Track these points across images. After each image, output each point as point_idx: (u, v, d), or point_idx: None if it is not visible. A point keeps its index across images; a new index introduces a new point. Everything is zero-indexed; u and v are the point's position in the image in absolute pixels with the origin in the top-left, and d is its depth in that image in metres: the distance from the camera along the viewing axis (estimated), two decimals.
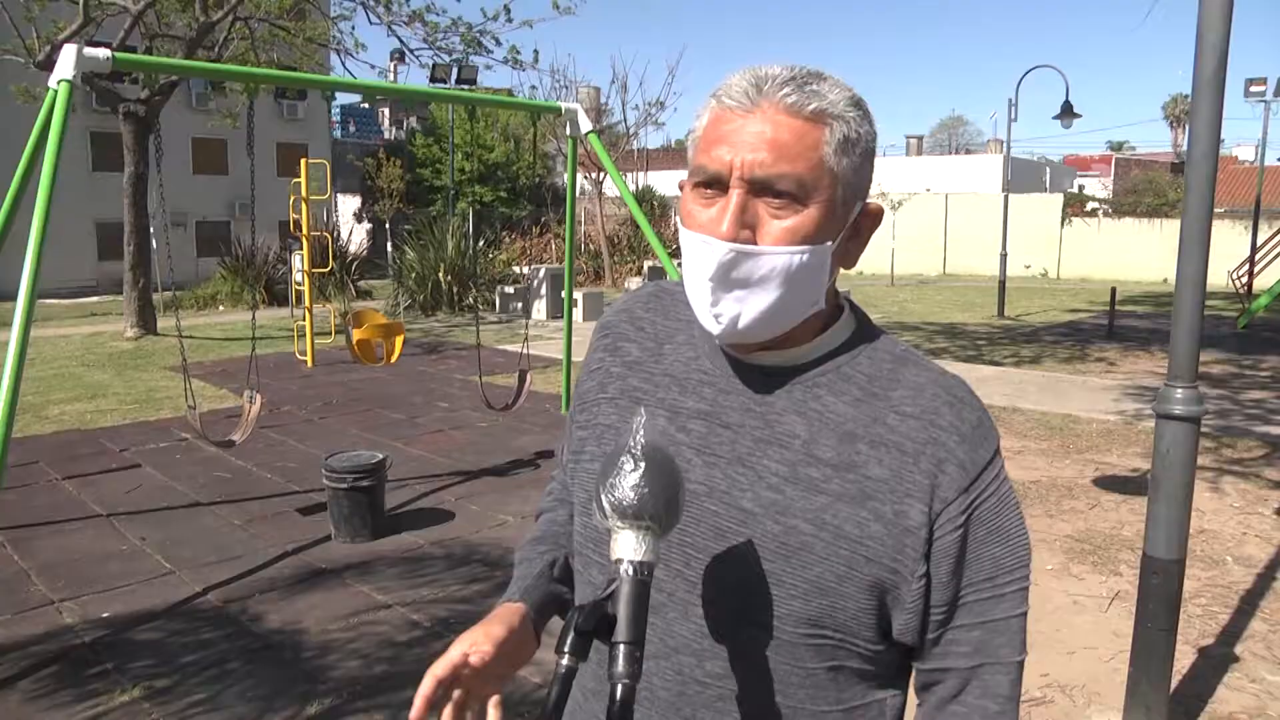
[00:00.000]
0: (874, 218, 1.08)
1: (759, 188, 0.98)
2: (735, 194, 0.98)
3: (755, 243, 0.99)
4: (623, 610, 0.90)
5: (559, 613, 1.20)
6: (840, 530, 1.00)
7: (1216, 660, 4.05)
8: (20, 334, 3.90)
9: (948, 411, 1.04)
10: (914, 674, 1.11)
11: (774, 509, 1.02)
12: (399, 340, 7.78)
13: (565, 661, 0.90)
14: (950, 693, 1.06)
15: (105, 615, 4.43)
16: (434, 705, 1.06)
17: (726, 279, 0.99)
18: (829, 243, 1.01)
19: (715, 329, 1.03)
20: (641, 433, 0.94)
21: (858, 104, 1.02)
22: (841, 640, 1.03)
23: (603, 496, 0.93)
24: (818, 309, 1.05)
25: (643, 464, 0.93)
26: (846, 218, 1.03)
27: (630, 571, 0.92)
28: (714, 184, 1.01)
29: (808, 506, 1.01)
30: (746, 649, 1.03)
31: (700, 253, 1.01)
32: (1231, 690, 3.79)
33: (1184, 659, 3.96)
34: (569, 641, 0.90)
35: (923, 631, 1.05)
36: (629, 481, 0.92)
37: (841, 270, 1.10)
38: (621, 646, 0.89)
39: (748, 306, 1.00)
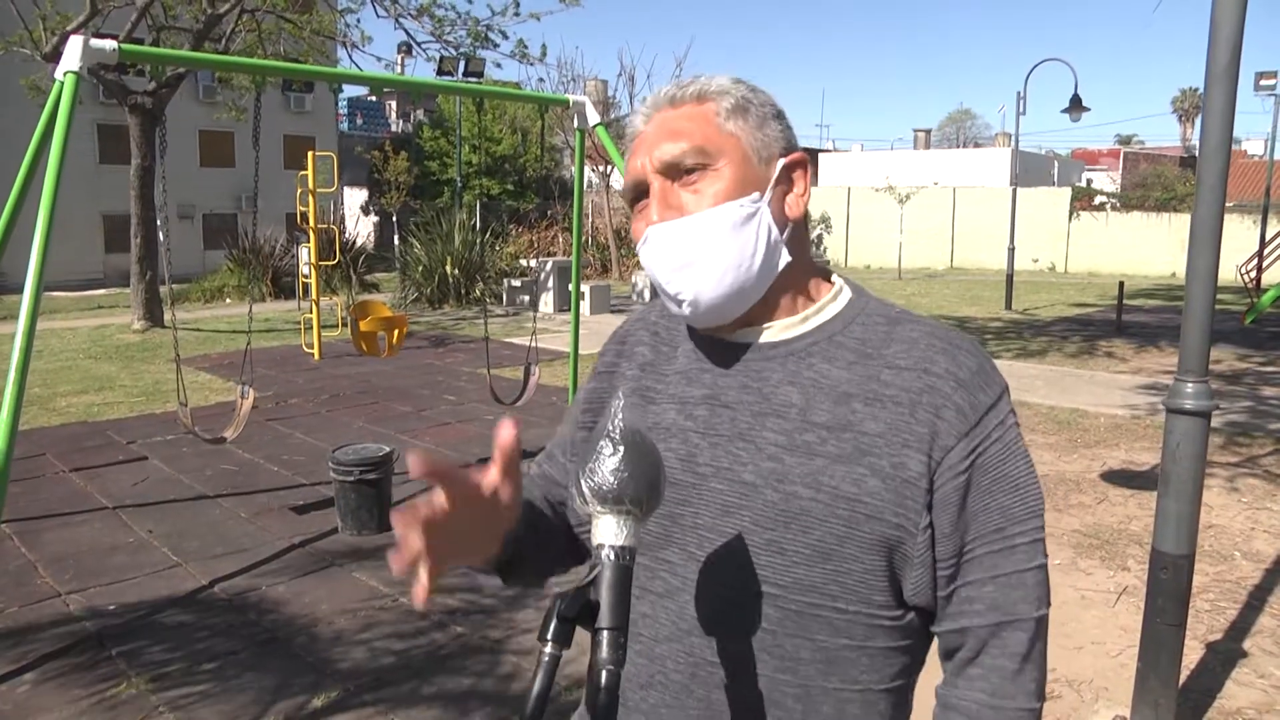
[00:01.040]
0: (802, 164, 1.13)
1: (671, 171, 1.06)
2: (655, 184, 1.07)
3: None
4: (605, 596, 0.89)
5: (514, 544, 1.10)
6: (837, 490, 1.00)
7: (1224, 656, 4.03)
8: (27, 326, 3.90)
9: (942, 359, 1.04)
10: (935, 641, 1.09)
11: (773, 478, 1.02)
12: (400, 331, 7.79)
13: (549, 650, 0.87)
14: (970, 655, 1.05)
15: (112, 607, 4.43)
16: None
17: (670, 256, 1.06)
18: (756, 193, 1.07)
19: (682, 311, 1.08)
20: (620, 416, 0.93)
21: (741, 81, 1.11)
22: (858, 613, 1.02)
23: (582, 482, 0.92)
24: (780, 264, 1.09)
25: (621, 448, 0.91)
26: (769, 171, 1.09)
27: (611, 556, 0.90)
28: (641, 193, 1.10)
29: (805, 471, 1.01)
30: (756, 626, 1.03)
31: (645, 247, 1.09)
32: (1240, 685, 3.77)
33: (1192, 654, 3.94)
34: (551, 629, 0.88)
35: (934, 588, 1.04)
36: (608, 466, 0.91)
37: (832, 257, 1.11)
38: (605, 633, 0.88)
39: (702, 279, 1.05)
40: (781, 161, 1.10)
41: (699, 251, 1.04)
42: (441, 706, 3.56)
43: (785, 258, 1.09)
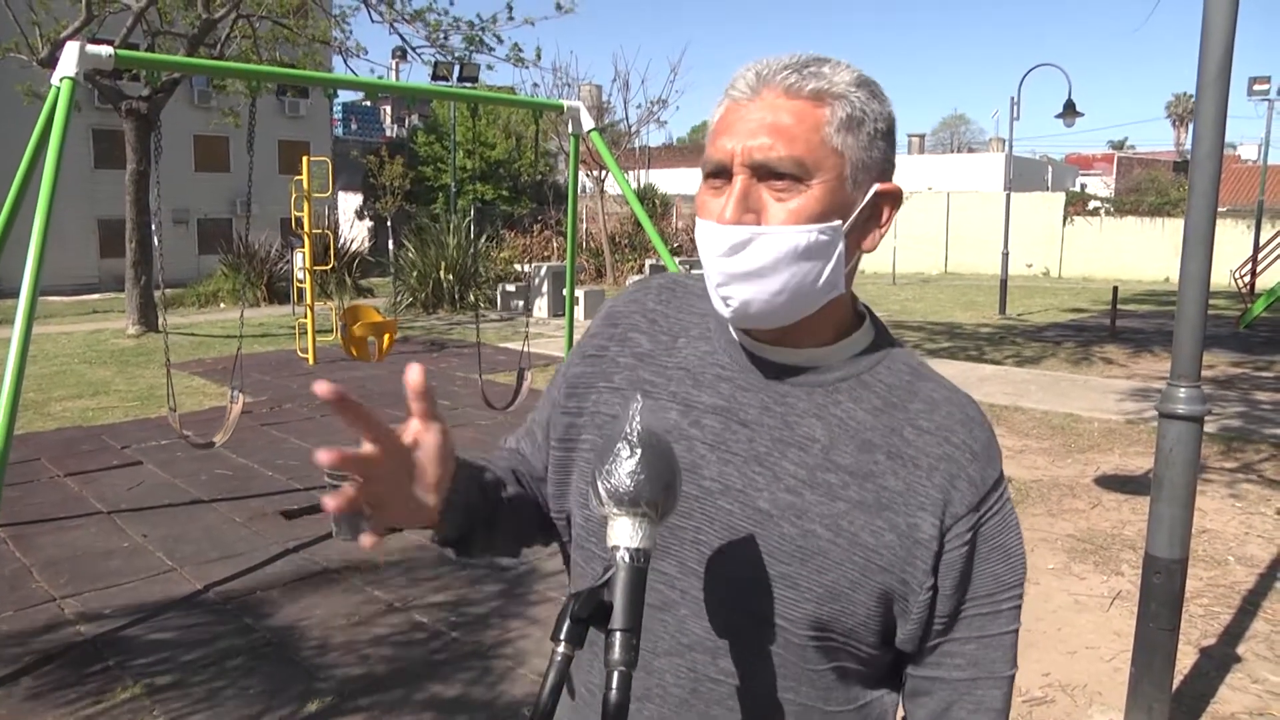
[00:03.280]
0: (893, 198, 1.06)
1: (761, 172, 0.98)
2: (738, 180, 0.99)
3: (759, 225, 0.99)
4: (619, 597, 0.89)
5: (465, 513, 1.04)
6: (857, 538, 1.01)
7: (1218, 660, 4.04)
8: (22, 331, 3.89)
9: (961, 430, 1.06)
10: (905, 679, 1.11)
11: (791, 511, 1.02)
12: (388, 337, 7.78)
13: (561, 649, 0.88)
14: (941, 705, 1.07)
15: (107, 612, 4.43)
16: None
17: (732, 262, 1.00)
18: (838, 222, 1.00)
19: (725, 312, 1.03)
20: (638, 419, 0.93)
21: (864, 84, 1.02)
22: (845, 643, 1.03)
23: (599, 483, 0.92)
24: (836, 293, 1.04)
25: (639, 450, 0.91)
26: (859, 197, 1.02)
27: (627, 558, 0.90)
28: (721, 174, 1.01)
29: (826, 512, 1.01)
30: (758, 647, 1.04)
31: (707, 238, 1.02)
32: (1233, 690, 3.79)
33: (1186, 659, 3.95)
34: (565, 629, 0.88)
35: (923, 640, 1.06)
36: (625, 468, 0.91)
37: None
38: (618, 634, 0.88)
39: (757, 290, 1.00)
40: (875, 188, 1.03)
41: (762, 267, 0.99)
42: (434, 712, 3.56)
43: (842, 289, 1.04)
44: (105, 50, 4.52)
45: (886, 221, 1.07)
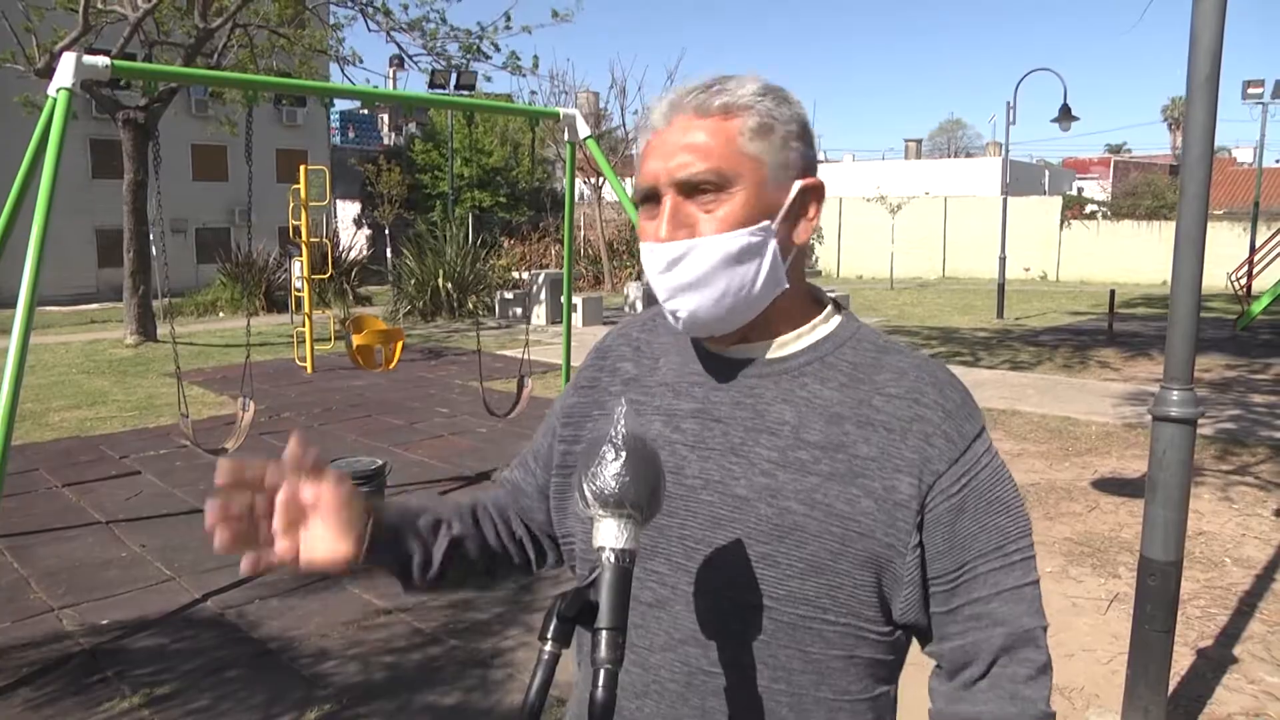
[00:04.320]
0: (817, 191, 1.12)
1: (686, 189, 1.05)
2: (667, 199, 1.06)
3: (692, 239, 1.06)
4: (604, 597, 0.92)
5: (394, 554, 1.21)
6: (831, 508, 1.03)
7: (1215, 662, 4.05)
8: (20, 341, 3.90)
9: (932, 391, 1.08)
10: (940, 659, 1.11)
11: (766, 492, 1.05)
12: (399, 346, 7.79)
13: (548, 648, 0.91)
14: (981, 670, 1.07)
15: (105, 622, 4.43)
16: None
17: (673, 276, 1.06)
18: (767, 222, 1.06)
19: (677, 324, 1.10)
20: (622, 422, 0.96)
21: (769, 91, 1.08)
22: (848, 625, 1.05)
23: (584, 485, 0.95)
24: (781, 288, 1.09)
25: (624, 453, 0.94)
26: (784, 196, 1.08)
27: (612, 559, 0.93)
28: (651, 198, 1.09)
29: (799, 487, 1.04)
30: (750, 636, 1.06)
31: (648, 258, 1.09)
32: (1230, 691, 3.79)
33: (1182, 661, 3.96)
34: (551, 628, 0.91)
35: (927, 606, 1.07)
36: (610, 470, 0.93)
37: (823, 268, 1.13)
38: (604, 632, 0.90)
39: (701, 298, 1.06)
40: (798, 185, 1.09)
41: (700, 276, 1.05)
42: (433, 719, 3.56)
43: (785, 283, 1.10)
44: (102, 61, 4.53)
45: (815, 214, 1.13)
